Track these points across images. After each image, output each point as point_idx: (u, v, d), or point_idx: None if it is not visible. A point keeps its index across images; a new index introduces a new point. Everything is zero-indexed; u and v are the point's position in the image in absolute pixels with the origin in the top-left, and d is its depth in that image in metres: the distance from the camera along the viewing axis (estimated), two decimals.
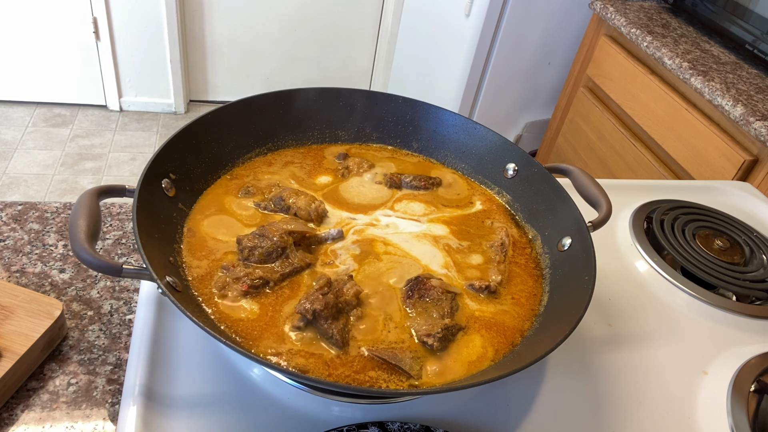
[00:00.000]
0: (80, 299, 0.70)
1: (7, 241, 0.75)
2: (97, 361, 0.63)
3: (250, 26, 2.90)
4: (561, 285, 0.66)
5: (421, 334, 0.60)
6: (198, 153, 0.71)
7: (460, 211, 0.78)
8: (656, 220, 0.92)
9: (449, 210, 0.78)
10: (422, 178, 0.81)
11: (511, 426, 0.61)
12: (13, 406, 0.58)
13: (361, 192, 0.78)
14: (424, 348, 0.60)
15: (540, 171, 0.75)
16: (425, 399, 0.62)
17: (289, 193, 0.73)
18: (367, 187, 0.79)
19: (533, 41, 2.36)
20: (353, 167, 0.80)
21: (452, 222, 0.76)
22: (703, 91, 1.58)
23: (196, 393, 0.59)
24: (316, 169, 0.80)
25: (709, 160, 1.61)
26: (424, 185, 0.81)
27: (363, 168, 0.80)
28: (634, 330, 0.75)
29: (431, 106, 0.83)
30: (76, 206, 0.55)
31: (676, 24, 1.92)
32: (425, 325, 0.61)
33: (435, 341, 0.59)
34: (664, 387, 0.69)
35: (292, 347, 0.57)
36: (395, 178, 0.80)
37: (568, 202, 0.71)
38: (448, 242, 0.73)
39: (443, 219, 0.77)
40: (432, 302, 0.64)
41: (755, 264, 0.90)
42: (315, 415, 0.59)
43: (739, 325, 0.79)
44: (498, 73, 2.41)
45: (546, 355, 0.53)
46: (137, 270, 0.52)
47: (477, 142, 0.82)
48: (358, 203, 0.77)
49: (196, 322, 0.49)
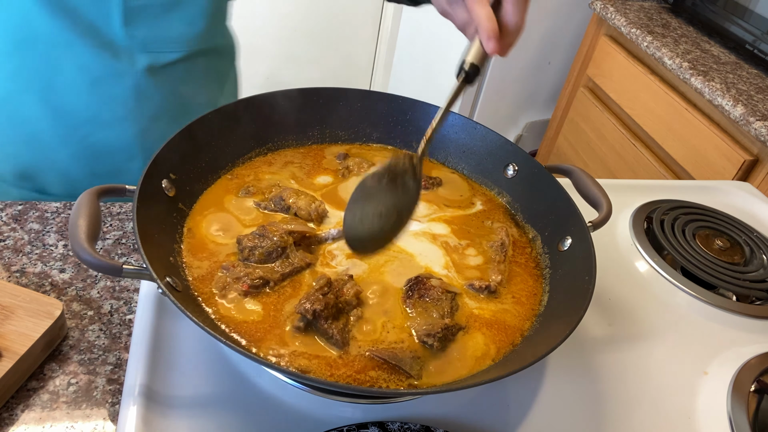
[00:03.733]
0: (80, 299, 0.70)
1: (7, 241, 0.75)
2: (97, 361, 0.63)
3: (250, 26, 2.90)
4: (561, 285, 0.66)
5: (421, 334, 0.60)
6: (198, 153, 0.71)
7: (462, 211, 0.78)
8: (656, 220, 0.92)
9: (451, 210, 0.78)
10: (423, 178, 0.81)
11: (511, 426, 0.61)
12: (13, 406, 0.58)
13: None
14: (424, 348, 0.60)
15: (540, 171, 0.75)
16: (425, 399, 0.62)
17: (289, 193, 0.73)
18: None
19: (533, 41, 2.36)
20: (353, 167, 0.80)
21: (453, 222, 0.76)
22: (704, 91, 1.58)
23: (196, 393, 0.59)
24: (315, 168, 0.80)
25: (710, 160, 1.61)
26: (425, 185, 0.80)
27: (363, 168, 0.80)
28: (634, 330, 0.75)
29: (431, 106, 0.82)
30: (77, 206, 0.55)
31: (677, 24, 1.92)
32: (425, 325, 0.61)
33: (435, 341, 0.59)
34: (664, 387, 0.69)
35: (293, 348, 0.57)
36: None
37: (569, 202, 0.70)
38: (448, 241, 0.73)
39: (444, 219, 0.77)
40: (432, 302, 0.64)
41: (755, 264, 0.90)
42: (315, 415, 0.59)
43: (739, 325, 0.79)
44: (498, 72, 2.41)
45: (546, 355, 0.53)
46: (137, 270, 0.52)
47: (477, 142, 0.82)
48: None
49: (196, 322, 0.49)
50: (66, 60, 0.82)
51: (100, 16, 0.79)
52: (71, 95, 0.84)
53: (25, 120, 0.87)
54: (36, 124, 0.86)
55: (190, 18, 0.85)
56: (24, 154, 0.90)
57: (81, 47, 0.81)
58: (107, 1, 0.78)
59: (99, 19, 0.79)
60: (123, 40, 0.81)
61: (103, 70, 0.83)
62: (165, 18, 0.82)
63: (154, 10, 0.81)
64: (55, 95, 0.84)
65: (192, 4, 0.83)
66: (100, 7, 0.78)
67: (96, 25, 0.80)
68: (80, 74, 0.83)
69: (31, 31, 0.79)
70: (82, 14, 0.79)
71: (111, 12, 0.79)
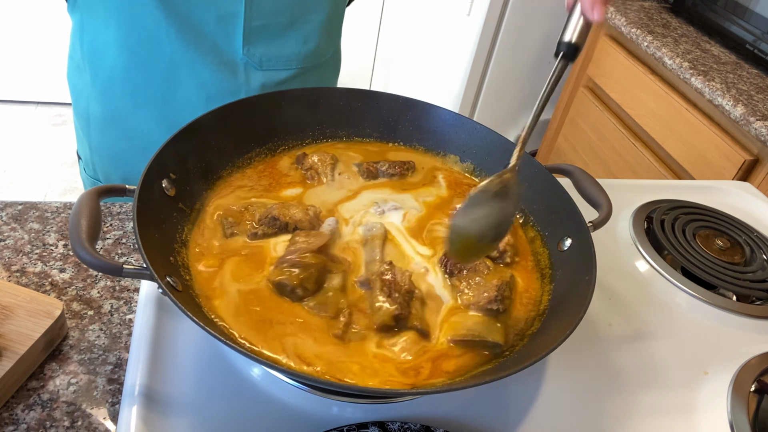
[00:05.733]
0: (80, 299, 0.70)
1: (7, 241, 0.75)
2: (97, 360, 0.63)
3: None
4: (561, 285, 0.66)
5: (483, 304, 0.62)
6: (198, 153, 0.71)
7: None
8: (657, 220, 0.92)
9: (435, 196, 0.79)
10: (397, 165, 0.80)
11: (511, 426, 0.61)
12: (13, 406, 0.58)
13: (342, 191, 0.77)
14: (489, 315, 0.62)
15: (540, 171, 0.75)
16: (425, 399, 0.62)
17: (280, 210, 0.68)
18: (345, 184, 0.77)
19: (534, 40, 2.36)
20: (318, 164, 0.77)
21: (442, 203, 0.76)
22: (704, 91, 1.58)
23: (196, 393, 0.59)
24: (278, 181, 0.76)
25: (710, 160, 1.61)
26: (400, 171, 0.80)
27: (326, 162, 0.77)
28: (634, 330, 0.75)
29: (431, 106, 0.82)
30: (77, 206, 0.55)
31: (677, 24, 1.92)
32: (484, 293, 0.63)
33: (500, 305, 0.61)
34: (664, 387, 0.69)
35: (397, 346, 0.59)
36: (371, 168, 0.79)
37: (569, 202, 0.70)
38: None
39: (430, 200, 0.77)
40: (471, 271, 0.65)
41: (755, 264, 0.90)
42: (315, 415, 0.59)
43: (739, 325, 0.79)
44: (499, 72, 2.40)
45: (546, 355, 0.53)
46: (137, 270, 0.52)
47: (477, 142, 0.82)
48: (338, 201, 0.75)
49: (196, 321, 0.49)
50: (186, 77, 0.84)
51: (223, 35, 0.82)
52: (187, 111, 0.85)
53: (140, 134, 0.89)
54: (150, 137, 0.88)
55: (305, 36, 0.87)
56: (136, 164, 0.90)
57: (201, 65, 0.83)
58: (231, 21, 0.80)
59: (221, 39, 0.82)
60: (241, 59, 0.84)
61: (220, 88, 0.86)
62: (282, 37, 0.85)
63: (274, 29, 0.83)
64: (172, 111, 0.87)
65: (308, 23, 0.86)
66: (225, 26, 0.81)
67: (218, 44, 0.82)
68: (198, 91, 0.85)
69: (156, 48, 0.82)
70: (207, 33, 0.81)
71: (234, 31, 0.81)
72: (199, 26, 0.81)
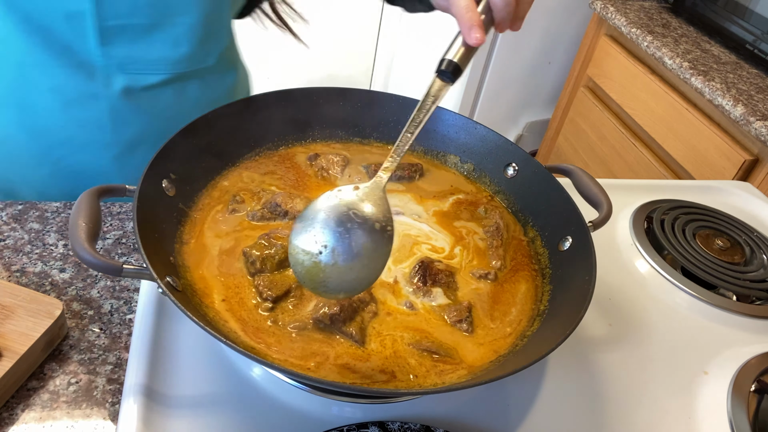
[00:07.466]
0: (80, 299, 0.70)
1: (7, 241, 0.75)
2: (97, 360, 0.63)
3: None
4: (561, 285, 0.66)
5: (453, 320, 0.62)
6: (198, 152, 0.71)
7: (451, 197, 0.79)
8: (656, 220, 0.92)
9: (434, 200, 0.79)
10: (404, 167, 0.80)
11: (511, 426, 0.61)
12: (13, 406, 0.58)
13: None
14: (454, 329, 0.62)
15: (540, 171, 0.75)
16: (425, 399, 0.62)
17: (283, 198, 0.71)
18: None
19: (534, 41, 2.36)
20: (327, 166, 0.78)
21: (441, 212, 0.76)
22: (704, 91, 1.58)
23: (196, 393, 0.59)
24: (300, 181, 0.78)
25: (710, 160, 1.61)
26: (408, 174, 0.80)
27: (333, 163, 0.78)
28: (634, 330, 0.75)
29: None
30: (77, 206, 0.55)
31: (677, 24, 1.92)
32: (453, 311, 0.63)
33: (466, 323, 0.62)
34: (664, 387, 0.69)
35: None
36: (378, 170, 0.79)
37: (569, 202, 0.70)
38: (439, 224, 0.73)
39: (434, 208, 0.77)
40: (442, 286, 0.65)
41: (755, 264, 0.90)
42: (315, 415, 0.59)
43: (739, 325, 0.79)
44: (498, 72, 2.40)
45: (546, 355, 0.53)
46: (137, 270, 0.52)
47: (477, 141, 0.82)
48: None
49: (196, 321, 0.49)
50: (40, 80, 0.80)
51: (75, 36, 0.76)
52: (45, 116, 0.82)
53: (1, 139, 0.85)
54: (12, 142, 0.85)
55: (174, 40, 0.81)
56: (2, 171, 0.88)
57: (55, 68, 0.79)
58: (80, 20, 0.75)
59: (73, 40, 0.77)
60: (99, 61, 0.79)
61: (77, 92, 0.81)
62: (145, 39, 0.79)
63: (135, 30, 0.78)
64: (29, 116, 0.83)
65: (175, 26, 0.80)
66: (74, 25, 0.75)
67: (70, 46, 0.77)
68: (54, 95, 0.81)
69: (5, 50, 0.78)
70: (56, 34, 0.76)
71: (85, 32, 0.76)
72: (46, 26, 0.76)
